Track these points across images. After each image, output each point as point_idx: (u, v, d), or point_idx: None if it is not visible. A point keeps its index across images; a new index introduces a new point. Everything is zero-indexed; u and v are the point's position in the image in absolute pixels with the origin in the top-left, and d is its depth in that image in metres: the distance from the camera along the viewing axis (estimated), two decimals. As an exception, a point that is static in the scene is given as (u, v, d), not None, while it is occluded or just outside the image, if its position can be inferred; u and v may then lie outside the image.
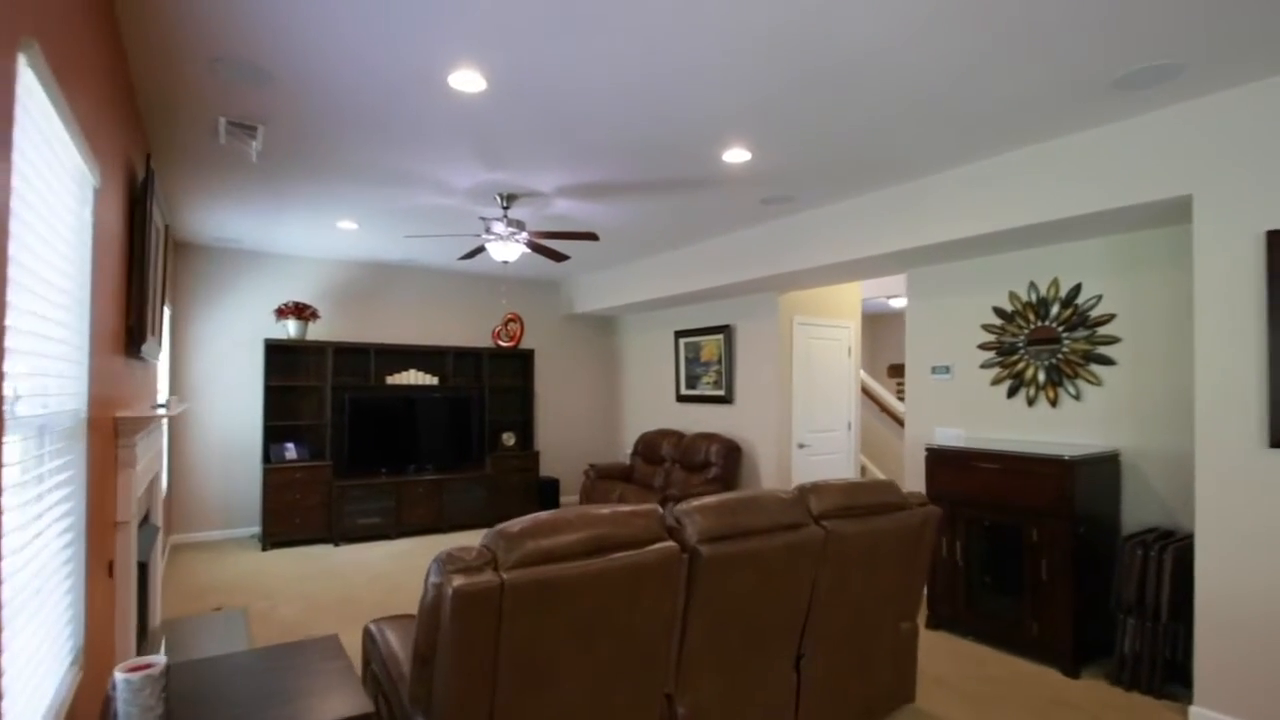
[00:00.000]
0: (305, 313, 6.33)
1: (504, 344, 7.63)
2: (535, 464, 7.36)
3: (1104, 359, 3.74)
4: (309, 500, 6.10)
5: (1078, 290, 3.86)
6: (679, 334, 7.11)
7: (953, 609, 3.89)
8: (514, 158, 3.74)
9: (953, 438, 4.29)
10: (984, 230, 3.68)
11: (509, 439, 7.43)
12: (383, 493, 6.38)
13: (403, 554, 5.82)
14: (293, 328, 6.28)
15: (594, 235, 4.43)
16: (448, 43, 2.50)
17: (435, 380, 7.01)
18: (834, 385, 6.35)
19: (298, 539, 6.06)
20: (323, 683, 1.95)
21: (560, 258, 5.01)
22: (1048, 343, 3.98)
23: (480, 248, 4.77)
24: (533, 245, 4.66)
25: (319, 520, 6.14)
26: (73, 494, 1.89)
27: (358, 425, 6.45)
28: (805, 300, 6.14)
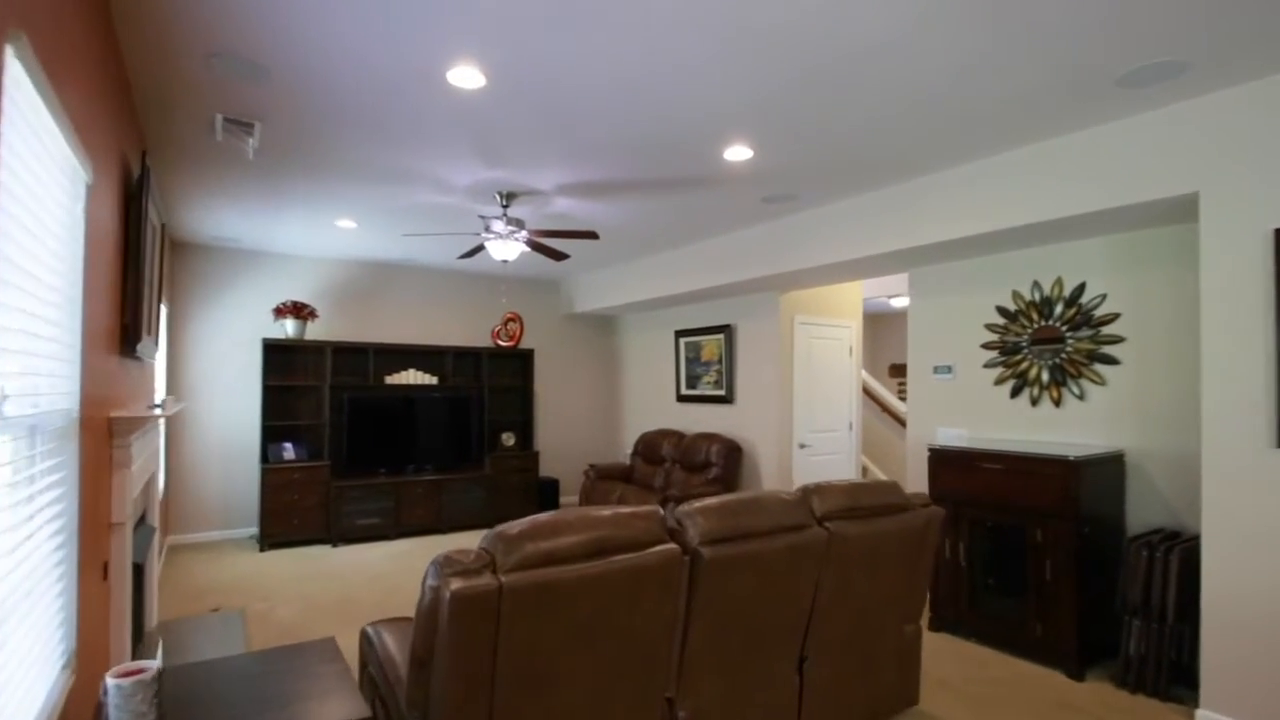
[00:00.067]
0: (304, 312, 6.30)
1: (503, 343, 7.60)
2: (535, 464, 7.33)
3: (1108, 359, 3.71)
4: (307, 501, 6.07)
5: (1082, 289, 3.83)
6: (679, 333, 7.09)
7: (956, 610, 3.86)
8: (513, 155, 3.71)
9: (955, 438, 4.26)
10: (986, 229, 3.65)
11: (508, 439, 7.40)
12: (381, 493, 6.35)
13: (402, 555, 5.79)
14: (291, 327, 6.25)
15: (594, 234, 4.40)
16: (447, 39, 2.47)
17: (434, 380, 6.98)
18: (835, 385, 6.32)
19: (296, 539, 6.03)
20: (319, 686, 1.92)
21: (560, 257, 4.98)
22: (1051, 342, 3.95)
23: (480, 246, 4.74)
24: (532, 244, 4.63)
25: (317, 521, 6.11)
26: (65, 495, 1.86)
27: (356, 425, 6.42)
28: (806, 300, 6.11)
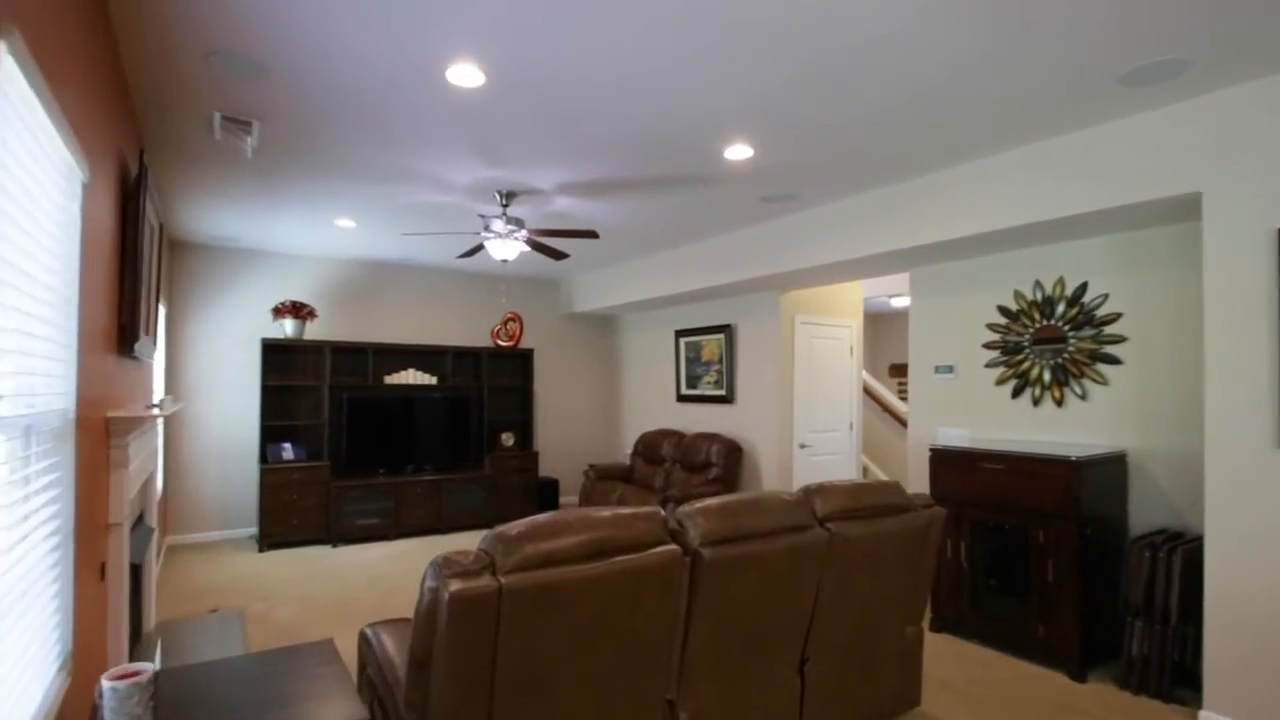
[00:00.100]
0: (303, 312, 6.28)
1: (503, 343, 7.58)
2: (534, 464, 7.32)
3: (1110, 358, 3.70)
4: (306, 501, 6.05)
5: (1084, 289, 3.81)
6: (679, 333, 7.07)
7: (957, 611, 3.84)
8: (513, 154, 3.70)
9: (957, 438, 4.25)
10: (988, 229, 3.64)
11: (508, 439, 7.38)
12: (381, 493, 6.33)
13: (401, 555, 5.78)
14: (290, 327, 6.23)
15: (594, 233, 4.38)
16: (446, 36, 2.46)
17: (434, 380, 6.97)
18: (836, 385, 6.31)
19: (295, 540, 6.01)
20: (317, 688, 1.91)
21: (560, 256, 4.96)
22: (1053, 342, 3.93)
23: (479, 246, 4.73)
24: (532, 243, 4.61)
25: (316, 521, 6.10)
26: (61, 495, 1.84)
27: (356, 425, 6.40)
28: (807, 299, 6.10)
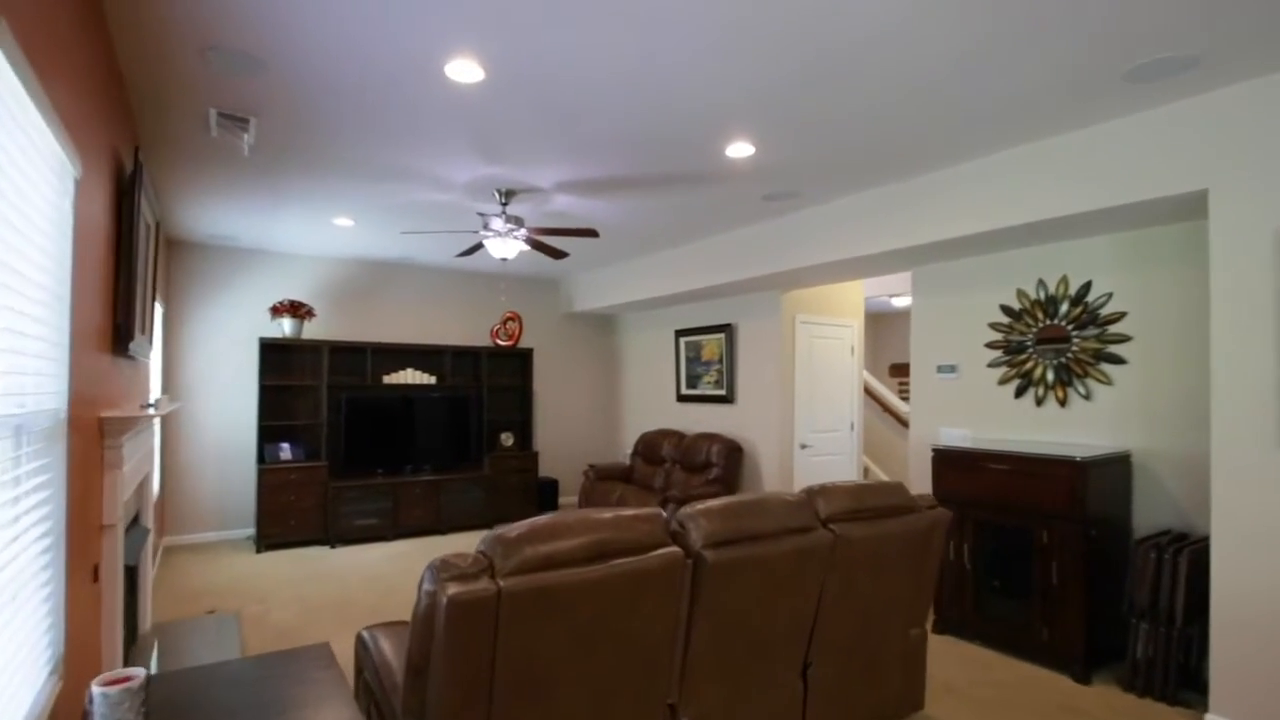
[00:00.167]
0: (301, 311, 6.25)
1: (502, 343, 7.55)
2: (534, 464, 7.28)
3: (1114, 358, 3.67)
4: (304, 501, 6.02)
5: (1088, 288, 3.78)
6: (680, 333, 7.04)
7: (960, 613, 3.82)
8: (512, 151, 3.67)
9: (959, 438, 4.22)
10: (990, 228, 3.61)
11: (507, 439, 7.35)
12: (379, 494, 6.30)
13: (400, 556, 5.74)
14: (288, 326, 6.20)
15: (594, 232, 4.35)
16: (445, 31, 2.43)
17: (433, 380, 6.93)
18: (836, 385, 6.28)
19: (293, 541, 5.98)
20: (314, 693, 1.88)
21: (560, 255, 4.93)
22: (1057, 341, 3.90)
23: (478, 245, 4.70)
24: (532, 242, 4.58)
25: (315, 522, 6.06)
26: (52, 497, 1.81)
27: (354, 425, 6.37)
28: (808, 299, 6.07)
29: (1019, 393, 4.09)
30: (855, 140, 3.44)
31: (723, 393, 6.46)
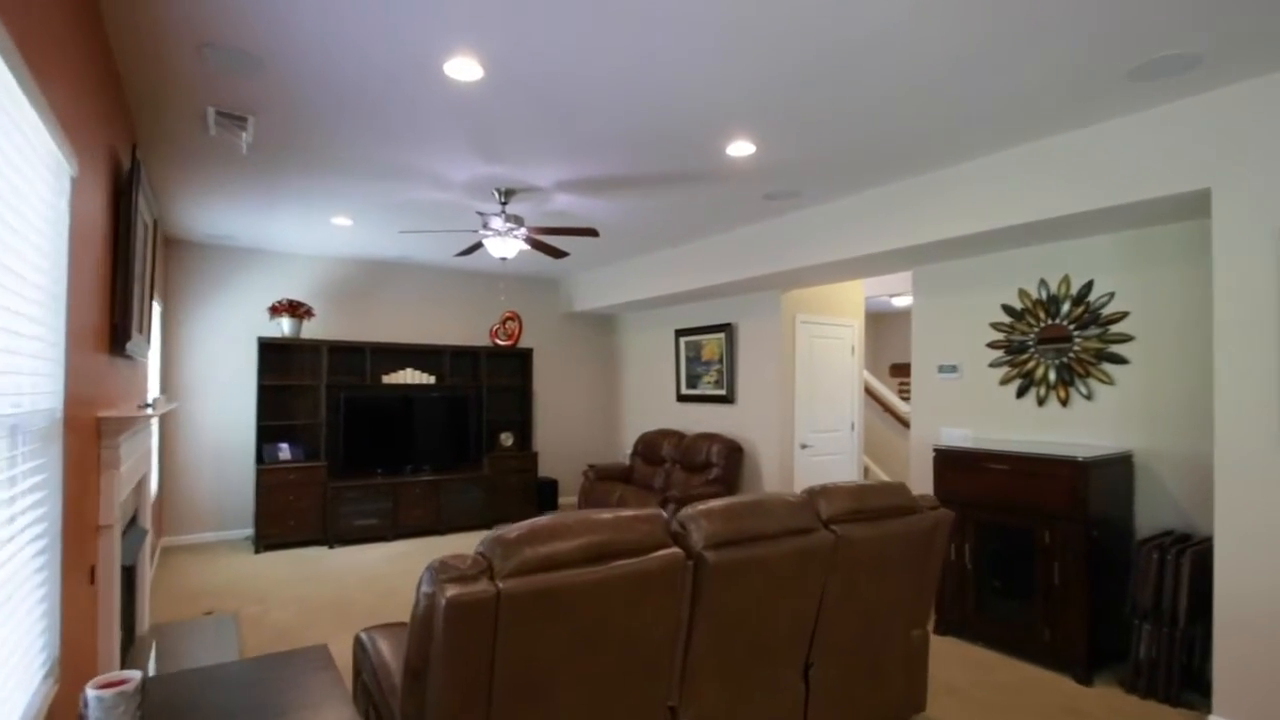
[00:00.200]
0: (299, 310, 6.23)
1: (502, 343, 7.54)
2: (534, 464, 7.27)
3: (1116, 358, 3.66)
4: (303, 501, 6.00)
5: (1089, 287, 3.77)
6: (680, 332, 7.03)
7: (962, 614, 3.80)
8: (512, 150, 3.65)
9: (960, 438, 4.21)
10: (991, 227, 3.60)
11: (507, 439, 7.34)
12: (379, 494, 6.28)
13: (399, 556, 5.73)
14: (287, 326, 6.18)
15: (594, 231, 4.34)
16: (444, 28, 2.41)
17: (432, 379, 6.92)
18: (837, 385, 6.27)
19: (292, 541, 5.96)
20: (311, 696, 1.86)
21: (559, 255, 4.92)
22: (1058, 341, 3.89)
23: (478, 244, 4.68)
24: (531, 242, 4.57)
25: (313, 522, 6.05)
26: (48, 498, 1.79)
27: (353, 425, 6.36)
28: (808, 298, 6.06)
29: (1020, 393, 4.08)
30: (856, 139, 3.42)
31: (723, 393, 6.45)
